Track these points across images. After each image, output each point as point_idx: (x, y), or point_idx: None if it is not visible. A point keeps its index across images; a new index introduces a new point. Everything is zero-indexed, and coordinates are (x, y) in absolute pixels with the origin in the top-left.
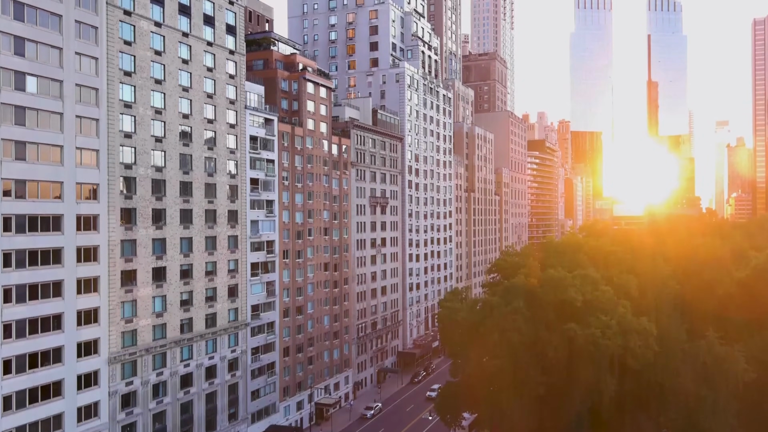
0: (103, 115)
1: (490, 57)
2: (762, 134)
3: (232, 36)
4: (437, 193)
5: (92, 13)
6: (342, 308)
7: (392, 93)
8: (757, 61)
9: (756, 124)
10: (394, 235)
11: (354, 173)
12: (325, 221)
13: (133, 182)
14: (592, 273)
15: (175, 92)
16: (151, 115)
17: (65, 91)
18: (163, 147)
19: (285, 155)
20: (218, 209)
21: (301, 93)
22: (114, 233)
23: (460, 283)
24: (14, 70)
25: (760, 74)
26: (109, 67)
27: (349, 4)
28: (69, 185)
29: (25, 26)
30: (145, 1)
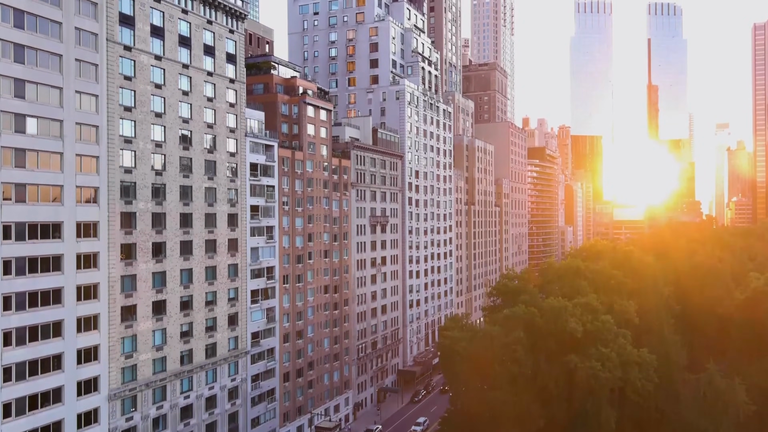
0: (103, 152)
1: (490, 67)
2: (762, 138)
3: (233, 64)
4: (437, 208)
5: (92, 51)
6: (342, 330)
7: (392, 110)
8: (757, 66)
9: (756, 127)
10: (394, 253)
11: (354, 194)
12: (325, 243)
13: (133, 217)
14: (592, 301)
15: (175, 124)
16: (152, 149)
17: (65, 130)
18: (163, 180)
19: (285, 180)
20: (218, 238)
21: (301, 117)
22: (114, 269)
23: (461, 297)
24: (14, 113)
25: (761, 78)
26: (109, 103)
27: (350, 21)
28: (69, 224)
29: (26, 68)
30: (146, 36)
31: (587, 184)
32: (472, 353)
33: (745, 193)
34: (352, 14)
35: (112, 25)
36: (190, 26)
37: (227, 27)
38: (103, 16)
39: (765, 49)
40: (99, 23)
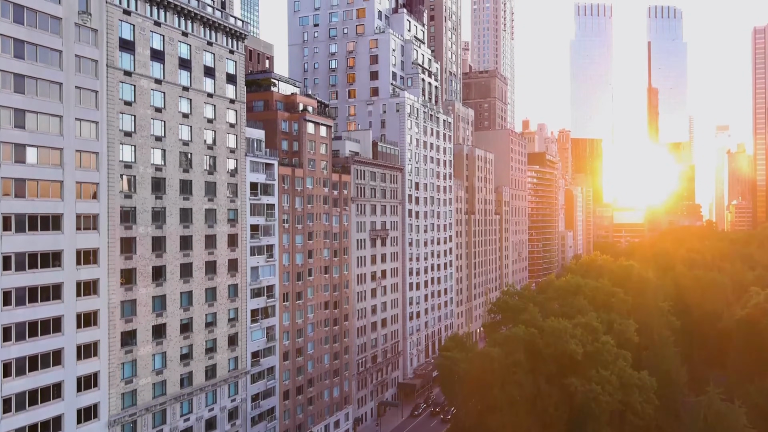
0: (103, 178)
1: (490, 75)
2: (762, 140)
3: (233, 85)
4: (437, 219)
5: (92, 78)
6: (342, 345)
7: (392, 122)
8: (758, 69)
9: (756, 130)
10: (394, 266)
11: (354, 208)
12: (326, 260)
13: (133, 242)
14: (592, 321)
15: (175, 147)
16: (152, 173)
17: (65, 158)
18: (164, 203)
19: (285, 198)
20: (218, 259)
21: (301, 134)
22: (114, 295)
23: (461, 307)
24: (14, 143)
25: (761, 82)
26: (109, 129)
27: (350, 33)
28: (69, 252)
29: (26, 98)
30: (146, 60)
31: (587, 188)
32: (472, 375)
33: (745, 196)
34: (352, 26)
35: (112, 51)
36: (190, 48)
37: (227, 48)
38: (103, 43)
39: (765, 52)
40: (99, 49)
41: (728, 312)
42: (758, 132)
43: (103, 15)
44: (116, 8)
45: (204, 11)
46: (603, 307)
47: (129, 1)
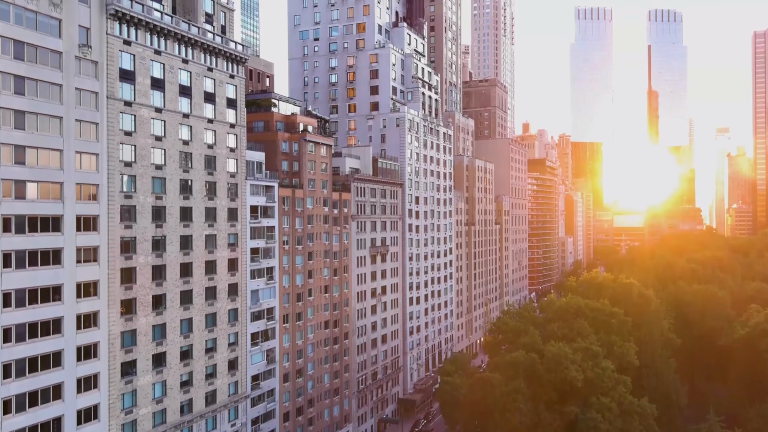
0: (103, 210)
1: (490, 83)
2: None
3: (233, 109)
4: (437, 231)
5: (93, 110)
6: (342, 364)
7: (392, 137)
8: (758, 73)
9: (756, 135)
10: (394, 282)
11: (354, 226)
12: (326, 279)
13: (133, 272)
14: (593, 345)
15: (175, 175)
16: (152, 202)
17: (65, 192)
18: (164, 231)
19: (285, 219)
20: (218, 285)
21: (301, 155)
22: (114, 326)
23: (461, 319)
24: (15, 180)
25: (761, 86)
26: (109, 160)
27: (350, 48)
28: (69, 285)
29: (26, 134)
30: (146, 89)
31: (587, 192)
32: (472, 400)
33: (745, 200)
34: (352, 41)
35: (112, 82)
36: (190, 75)
37: (228, 72)
38: (104, 74)
39: (765, 56)
40: (99, 81)
41: (728, 329)
42: (758, 135)
43: (104, 47)
44: (116, 39)
45: (204, 38)
46: (603, 329)
47: (129, 31)
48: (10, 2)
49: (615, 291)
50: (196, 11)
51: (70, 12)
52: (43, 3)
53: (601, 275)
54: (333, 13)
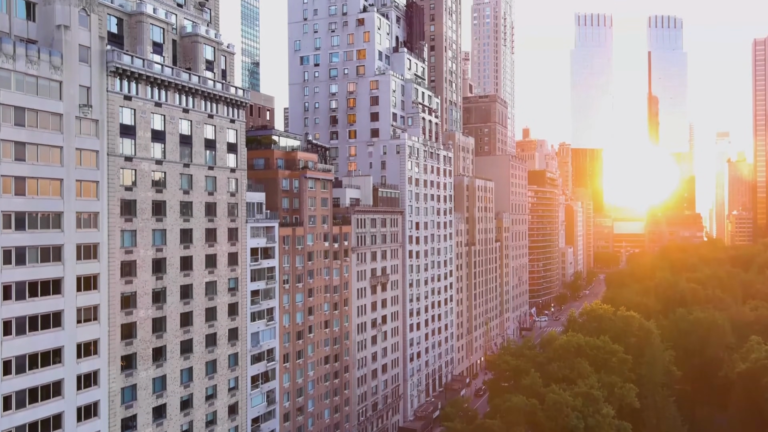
0: (104, 268)
1: (490, 99)
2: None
3: (233, 153)
4: (438, 255)
5: (93, 169)
6: (342, 398)
7: (393, 164)
8: (758, 81)
9: (756, 142)
10: (394, 310)
11: (354, 258)
12: (326, 314)
13: (133, 326)
14: (593, 390)
15: (176, 225)
16: (152, 255)
17: (65, 253)
18: (164, 283)
19: (286, 258)
20: (219, 331)
21: (302, 192)
22: (114, 383)
23: (461, 341)
24: (14, 247)
25: (761, 93)
26: (110, 217)
27: (350, 74)
28: (69, 347)
29: (27, 200)
30: (147, 142)
31: (587, 201)
32: None
33: (745, 206)
34: (352, 67)
35: (113, 138)
36: (191, 124)
37: (228, 118)
38: (104, 132)
39: (765, 64)
40: (100, 140)
41: (729, 359)
42: (758, 143)
43: (104, 104)
44: (117, 95)
45: (205, 86)
46: (604, 368)
47: (130, 86)
48: (11, 69)
49: (615, 324)
50: (197, 59)
51: (71, 73)
52: (44, 67)
53: (602, 307)
54: (333, 39)
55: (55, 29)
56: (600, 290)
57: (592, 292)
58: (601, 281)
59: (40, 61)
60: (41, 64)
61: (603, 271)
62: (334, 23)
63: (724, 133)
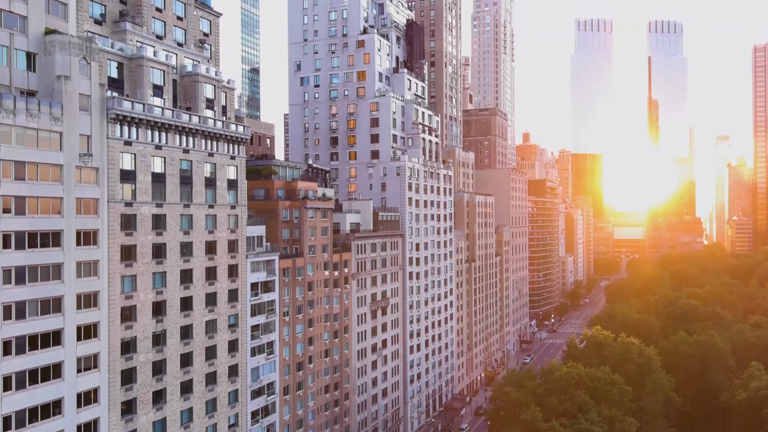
0: (104, 316)
1: (490, 112)
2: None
3: (234, 190)
4: (438, 275)
5: (93, 217)
6: (342, 426)
7: (393, 185)
8: (758, 87)
9: (757, 148)
10: (395, 333)
11: (355, 284)
12: (326, 343)
13: (133, 371)
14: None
15: (176, 267)
16: (153, 298)
17: (66, 304)
18: (164, 326)
19: (286, 290)
20: (219, 369)
21: (302, 222)
22: (114, 430)
23: (461, 358)
24: (15, 302)
25: (761, 100)
26: (110, 264)
27: (350, 95)
28: (69, 398)
29: (27, 253)
30: (147, 186)
31: (587, 208)
32: None
33: (745, 211)
34: (353, 88)
35: (113, 185)
36: (191, 164)
37: (228, 155)
38: (104, 179)
39: (765, 70)
40: (100, 187)
41: (729, 384)
42: (759, 147)
43: (104, 152)
44: (117, 141)
45: (205, 126)
46: (605, 400)
47: (130, 131)
48: (11, 124)
49: (615, 351)
50: (197, 98)
51: (71, 123)
52: (45, 119)
53: (602, 333)
54: (333, 60)
55: (55, 79)
56: (600, 298)
57: (593, 300)
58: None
59: (41, 114)
60: (41, 117)
61: (603, 277)
62: (334, 44)
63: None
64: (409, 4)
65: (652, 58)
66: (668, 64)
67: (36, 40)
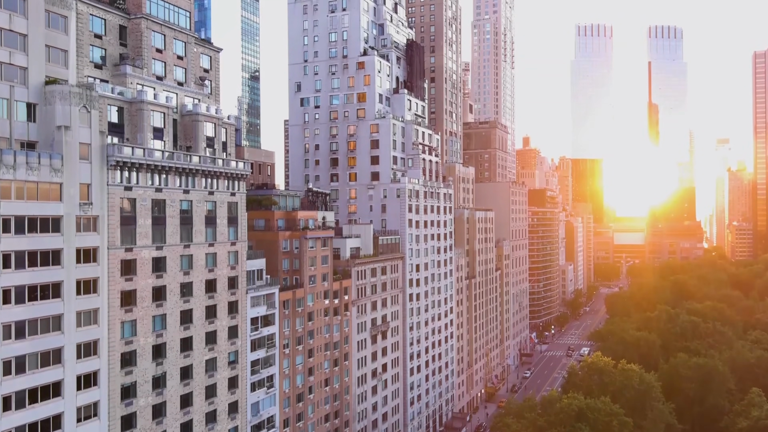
0: (104, 364)
1: (490, 126)
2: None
3: (234, 226)
4: (438, 294)
5: (93, 266)
6: None
7: (393, 207)
8: (758, 93)
9: (757, 153)
10: (395, 356)
11: (355, 310)
12: (326, 372)
13: (134, 417)
14: None
15: (176, 308)
16: (153, 341)
17: (66, 354)
18: (164, 368)
19: (286, 322)
20: (218, 407)
21: (302, 253)
22: None
23: (461, 376)
24: (14, 356)
25: (761, 106)
26: (110, 310)
27: (351, 117)
28: None
29: (26, 307)
30: (147, 230)
31: (588, 215)
32: None
33: (745, 216)
34: (353, 110)
35: (113, 231)
36: (191, 204)
37: (228, 192)
38: (104, 227)
39: (765, 76)
40: (100, 235)
41: (730, 409)
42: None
43: (105, 199)
44: (118, 187)
45: (206, 165)
46: None
47: (131, 176)
48: (11, 179)
49: (616, 378)
50: (198, 137)
51: (71, 174)
52: (45, 171)
53: (602, 360)
54: (334, 82)
55: (55, 130)
56: (600, 306)
57: (593, 308)
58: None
59: (41, 167)
60: (41, 169)
61: (603, 283)
62: (334, 66)
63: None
64: (409, 20)
65: (652, 63)
66: (668, 69)
67: (36, 91)
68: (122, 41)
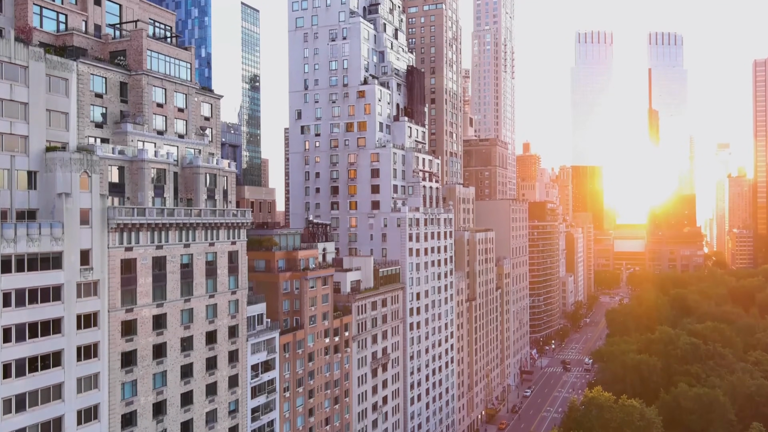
0: (104, 427)
1: (491, 143)
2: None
3: (234, 275)
4: (438, 320)
5: (94, 330)
6: None
7: (393, 236)
8: (758, 101)
9: (757, 160)
10: (395, 388)
11: (355, 346)
12: (326, 411)
13: None
14: None
15: (176, 363)
16: (153, 399)
17: (66, 423)
18: (165, 425)
19: (286, 365)
20: None
21: (302, 294)
22: None
23: (462, 400)
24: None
25: (761, 114)
26: (111, 374)
27: (351, 145)
28: None
29: (27, 379)
30: (147, 288)
31: (588, 225)
32: None
33: (745, 222)
34: (353, 138)
35: (114, 293)
36: (191, 258)
37: (229, 241)
38: (105, 291)
39: (766, 84)
40: (101, 299)
41: None
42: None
43: (105, 262)
44: (118, 249)
45: (206, 218)
46: None
47: (131, 236)
48: (12, 252)
49: (616, 415)
50: (198, 189)
51: (72, 241)
52: (45, 241)
53: (602, 395)
54: (334, 110)
55: (56, 197)
56: (600, 318)
57: (593, 320)
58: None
59: (41, 237)
60: (42, 240)
61: (604, 291)
62: (335, 94)
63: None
64: (409, 42)
65: (653, 70)
66: (668, 75)
67: (37, 158)
68: (123, 98)
